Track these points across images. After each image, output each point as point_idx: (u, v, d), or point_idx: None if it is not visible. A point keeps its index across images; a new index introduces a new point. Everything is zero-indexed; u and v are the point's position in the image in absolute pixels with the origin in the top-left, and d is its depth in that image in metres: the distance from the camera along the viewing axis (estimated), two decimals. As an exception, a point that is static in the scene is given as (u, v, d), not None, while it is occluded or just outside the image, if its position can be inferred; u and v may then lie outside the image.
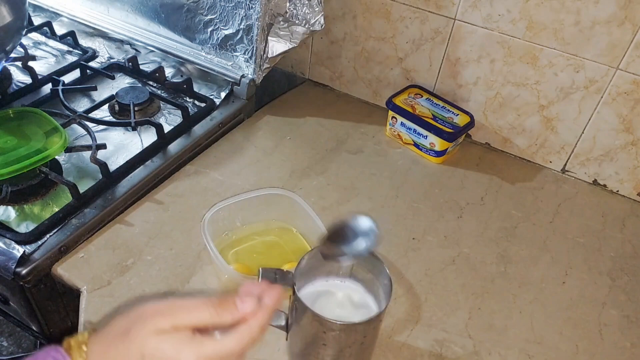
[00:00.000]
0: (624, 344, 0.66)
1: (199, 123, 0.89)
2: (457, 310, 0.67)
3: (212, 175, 0.82)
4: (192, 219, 0.74)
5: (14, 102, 0.88)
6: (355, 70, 1.01)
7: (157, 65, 0.96)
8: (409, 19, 0.89)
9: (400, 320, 0.65)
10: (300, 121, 0.96)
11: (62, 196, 0.74)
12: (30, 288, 0.66)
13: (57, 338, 0.74)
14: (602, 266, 0.75)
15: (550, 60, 0.81)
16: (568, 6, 0.76)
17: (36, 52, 1.00)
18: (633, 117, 0.80)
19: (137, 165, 0.79)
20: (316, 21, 0.86)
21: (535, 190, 0.87)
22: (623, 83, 0.78)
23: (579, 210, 0.84)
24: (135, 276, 0.66)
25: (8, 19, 0.82)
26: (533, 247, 0.77)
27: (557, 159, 0.90)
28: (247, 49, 0.91)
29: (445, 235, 0.77)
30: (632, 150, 0.83)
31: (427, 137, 0.87)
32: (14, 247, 0.65)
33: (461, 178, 0.87)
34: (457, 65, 0.90)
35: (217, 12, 0.91)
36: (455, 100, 0.93)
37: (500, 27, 0.82)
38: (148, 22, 1.00)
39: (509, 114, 0.89)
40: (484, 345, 0.64)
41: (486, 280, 0.71)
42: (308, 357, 0.56)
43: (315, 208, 0.78)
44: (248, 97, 0.94)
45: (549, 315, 0.68)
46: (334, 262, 0.56)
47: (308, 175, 0.84)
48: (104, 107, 0.89)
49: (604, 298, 0.71)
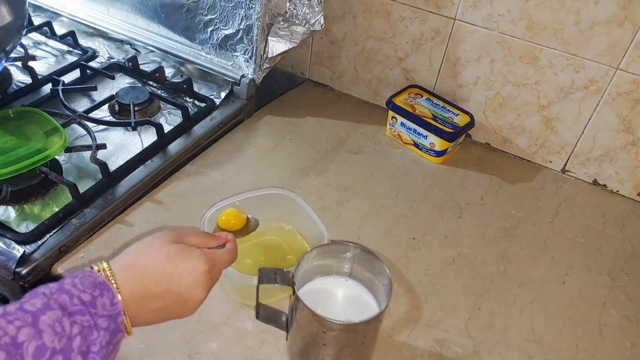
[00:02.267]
0: (624, 344, 0.66)
1: (199, 123, 0.89)
2: (457, 310, 0.67)
3: (212, 175, 0.82)
4: (192, 219, 0.74)
5: (14, 102, 0.88)
6: (355, 70, 1.01)
7: (157, 65, 0.96)
8: (409, 19, 0.89)
9: (400, 320, 0.65)
10: (300, 121, 0.96)
11: (62, 196, 0.74)
12: (30, 288, 0.66)
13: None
14: (602, 266, 0.75)
15: (550, 60, 0.81)
16: (568, 6, 0.76)
17: (36, 52, 1.00)
18: (633, 117, 0.80)
19: (137, 165, 0.79)
20: (316, 21, 0.86)
21: (535, 190, 0.87)
22: (623, 83, 0.78)
23: (579, 210, 0.84)
24: (135, 276, 0.66)
25: (8, 19, 0.82)
26: (533, 247, 0.77)
27: (557, 159, 0.90)
28: (247, 49, 0.91)
29: (445, 235, 0.77)
30: (632, 150, 0.83)
31: (427, 137, 0.87)
32: (14, 247, 0.65)
33: (461, 178, 0.87)
34: (457, 65, 0.90)
35: (217, 12, 0.91)
36: (455, 100, 0.93)
37: (500, 27, 0.82)
38: (148, 22, 1.00)
39: (509, 114, 0.89)
40: (484, 345, 0.64)
41: (486, 280, 0.71)
42: (308, 357, 0.56)
43: (315, 208, 0.78)
44: (248, 97, 0.94)
45: (549, 315, 0.68)
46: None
47: (308, 175, 0.84)
48: (104, 107, 0.89)
49: (604, 298, 0.71)
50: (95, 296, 0.41)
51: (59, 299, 0.40)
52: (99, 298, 0.41)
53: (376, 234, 0.76)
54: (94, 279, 0.42)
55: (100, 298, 0.41)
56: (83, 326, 0.39)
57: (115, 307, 0.42)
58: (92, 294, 0.41)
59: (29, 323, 0.37)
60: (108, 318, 0.41)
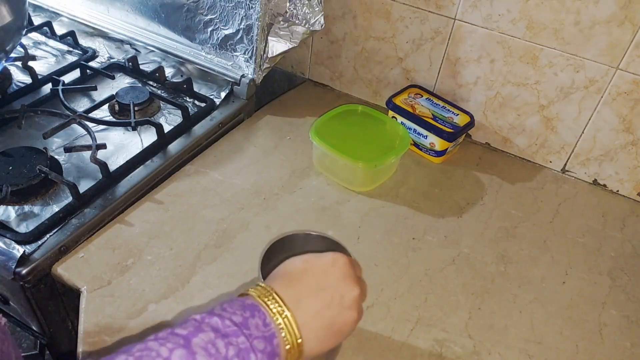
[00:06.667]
0: (624, 344, 0.66)
1: (199, 123, 0.89)
2: (457, 310, 0.67)
3: (212, 175, 0.82)
4: (192, 219, 0.74)
5: (14, 102, 0.88)
6: (355, 70, 1.01)
7: (157, 65, 0.96)
8: (409, 18, 0.89)
9: (400, 320, 0.65)
10: (300, 121, 0.96)
11: (62, 196, 0.74)
12: (30, 288, 0.66)
13: (57, 338, 0.74)
14: (602, 266, 0.75)
15: (550, 60, 0.81)
16: (568, 6, 0.76)
17: (36, 52, 1.00)
18: (633, 117, 0.80)
19: (137, 165, 0.79)
20: (316, 21, 0.86)
21: (535, 190, 0.87)
22: (623, 83, 0.78)
23: (579, 210, 0.84)
24: (135, 276, 0.66)
25: (8, 19, 0.81)
26: (533, 247, 0.77)
27: (557, 159, 0.90)
28: (247, 48, 0.91)
29: (445, 235, 0.77)
30: (632, 150, 0.83)
31: (427, 137, 0.87)
32: (14, 247, 0.65)
33: (461, 178, 0.87)
34: (457, 65, 0.90)
35: (217, 12, 0.91)
36: (455, 100, 0.93)
37: (500, 27, 0.82)
38: (148, 22, 1.00)
39: (509, 114, 0.89)
40: (484, 345, 0.64)
41: (486, 280, 0.71)
42: None
43: (315, 208, 0.78)
44: (248, 97, 0.94)
45: (549, 315, 0.68)
46: None
47: (308, 175, 0.84)
48: (104, 107, 0.89)
49: (604, 298, 0.71)
50: (247, 317, 0.40)
51: (211, 321, 0.38)
52: (250, 319, 0.40)
53: (376, 233, 0.76)
54: (242, 302, 0.41)
55: (252, 319, 0.40)
56: (240, 348, 0.38)
57: (269, 328, 0.40)
58: (242, 315, 0.40)
59: (181, 345, 0.36)
60: (263, 340, 0.39)
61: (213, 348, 0.36)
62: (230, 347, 0.37)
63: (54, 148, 0.81)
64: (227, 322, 0.38)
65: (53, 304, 0.71)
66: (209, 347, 0.36)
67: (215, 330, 0.38)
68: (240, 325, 0.39)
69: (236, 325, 0.38)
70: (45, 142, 0.81)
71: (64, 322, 0.74)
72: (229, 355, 0.37)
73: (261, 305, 0.41)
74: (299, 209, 0.78)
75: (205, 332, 0.37)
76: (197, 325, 0.38)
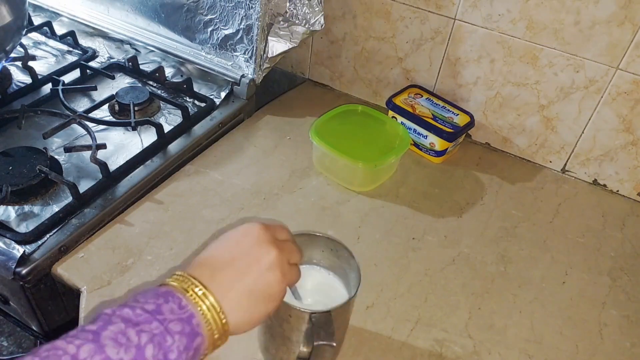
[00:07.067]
0: (624, 344, 0.66)
1: (199, 123, 0.89)
2: (457, 310, 0.67)
3: (212, 175, 0.82)
4: (192, 219, 0.74)
5: (14, 102, 0.88)
6: (355, 70, 1.01)
7: (157, 65, 0.96)
8: (409, 18, 0.89)
9: (400, 320, 0.65)
10: (300, 121, 0.96)
11: (62, 196, 0.74)
12: (30, 288, 0.66)
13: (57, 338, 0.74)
14: (602, 266, 0.75)
15: (550, 60, 0.81)
16: (568, 6, 0.76)
17: (36, 52, 1.00)
18: (633, 117, 0.80)
19: (137, 165, 0.79)
20: (316, 21, 0.86)
21: (535, 190, 0.87)
22: (623, 83, 0.78)
23: (579, 210, 0.84)
24: (135, 276, 0.66)
25: (8, 19, 0.82)
26: (533, 247, 0.77)
27: (557, 159, 0.90)
28: (247, 48, 0.91)
29: (445, 235, 0.77)
30: (632, 150, 0.83)
31: (427, 137, 0.87)
32: (14, 247, 0.65)
33: (461, 178, 0.87)
34: (457, 65, 0.90)
35: (217, 12, 0.91)
36: (455, 100, 0.93)
37: (500, 27, 0.82)
38: (148, 22, 1.00)
39: (509, 114, 0.89)
40: (484, 345, 0.64)
41: (486, 280, 0.71)
42: (276, 346, 0.56)
43: (315, 208, 0.78)
44: (248, 97, 0.94)
45: (549, 315, 0.68)
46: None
47: (308, 175, 0.84)
48: (104, 107, 0.89)
49: (604, 298, 0.71)
50: (160, 304, 0.39)
51: (122, 313, 0.38)
52: (164, 305, 0.39)
53: (376, 233, 0.76)
54: (156, 291, 0.41)
55: (166, 304, 0.39)
56: (153, 334, 0.37)
57: (185, 310, 0.40)
58: (155, 302, 0.39)
59: (89, 340, 0.36)
60: (180, 322, 0.39)
61: (124, 338, 0.36)
62: (143, 334, 0.37)
63: (54, 148, 0.81)
64: (139, 311, 0.38)
65: (53, 304, 0.71)
66: (119, 337, 0.36)
67: (125, 320, 0.37)
68: (152, 312, 0.38)
69: (148, 312, 0.38)
70: (45, 142, 0.81)
71: (64, 322, 0.74)
72: (142, 342, 0.37)
73: (175, 290, 0.41)
74: (299, 209, 0.78)
75: (115, 324, 0.37)
76: (107, 318, 0.38)
